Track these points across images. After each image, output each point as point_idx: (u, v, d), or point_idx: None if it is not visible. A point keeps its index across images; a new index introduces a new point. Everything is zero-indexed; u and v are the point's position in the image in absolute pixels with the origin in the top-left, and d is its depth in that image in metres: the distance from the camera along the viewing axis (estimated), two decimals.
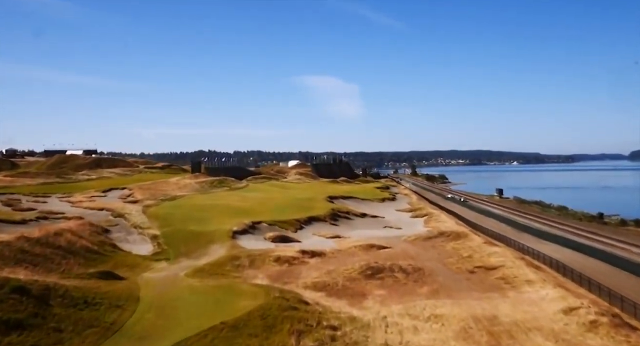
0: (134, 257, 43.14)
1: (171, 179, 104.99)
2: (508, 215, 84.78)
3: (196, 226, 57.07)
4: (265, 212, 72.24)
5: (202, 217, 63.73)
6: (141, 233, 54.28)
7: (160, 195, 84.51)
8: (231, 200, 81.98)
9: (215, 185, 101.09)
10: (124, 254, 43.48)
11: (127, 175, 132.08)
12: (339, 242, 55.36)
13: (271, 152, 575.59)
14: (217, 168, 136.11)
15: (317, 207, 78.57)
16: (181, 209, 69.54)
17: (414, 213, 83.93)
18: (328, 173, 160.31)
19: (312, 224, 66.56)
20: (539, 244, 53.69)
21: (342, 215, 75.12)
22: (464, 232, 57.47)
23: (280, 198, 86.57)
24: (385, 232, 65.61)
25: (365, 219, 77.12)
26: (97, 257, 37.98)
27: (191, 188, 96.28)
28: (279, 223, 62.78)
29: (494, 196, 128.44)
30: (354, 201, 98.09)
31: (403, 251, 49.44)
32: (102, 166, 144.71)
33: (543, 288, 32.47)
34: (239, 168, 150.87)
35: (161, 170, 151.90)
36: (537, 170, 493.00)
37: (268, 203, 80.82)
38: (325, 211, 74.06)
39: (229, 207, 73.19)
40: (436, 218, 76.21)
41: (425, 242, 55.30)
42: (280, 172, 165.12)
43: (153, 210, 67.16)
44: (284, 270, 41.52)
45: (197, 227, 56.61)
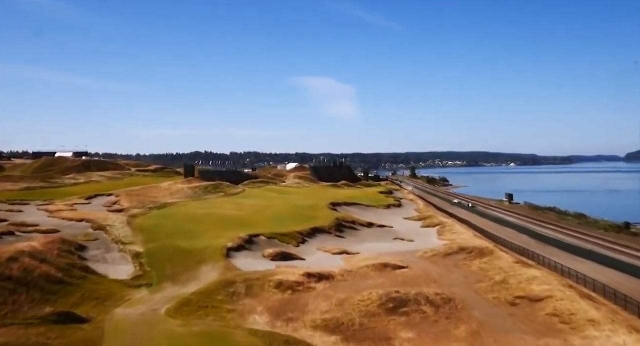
0: (108, 284, 36.10)
1: (162, 184, 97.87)
2: (525, 224, 78.17)
3: (186, 241, 50.07)
4: (264, 222, 65.32)
5: (193, 230, 56.75)
6: (122, 250, 47.22)
7: (149, 202, 77.44)
8: (226, 208, 75.00)
9: (209, 190, 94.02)
10: (97, 280, 36.42)
11: (117, 179, 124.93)
12: (347, 260, 48.48)
13: (268, 153, 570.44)
14: (212, 172, 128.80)
15: (320, 216, 71.65)
16: (170, 220, 62.51)
17: (425, 223, 77.14)
18: (328, 177, 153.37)
19: (315, 237, 59.64)
20: (575, 262, 47.07)
21: (347, 225, 68.20)
22: (488, 248, 50.67)
23: (280, 206, 79.62)
24: (397, 246, 58.79)
25: (372, 229, 70.26)
26: (59, 289, 30.91)
27: (184, 194, 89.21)
28: (279, 236, 55.83)
29: (503, 201, 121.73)
30: (358, 208, 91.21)
31: (423, 272, 42.63)
32: (92, 169, 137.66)
33: (615, 333, 25.72)
34: (235, 172, 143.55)
35: (154, 173, 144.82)
36: (535, 172, 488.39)
37: (266, 211, 73.87)
38: (329, 221, 67.15)
39: (223, 217, 66.22)
40: (450, 229, 69.48)
41: (445, 260, 48.52)
42: (279, 175, 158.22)
43: (139, 221, 60.12)
44: (287, 300, 34.66)
45: (186, 242, 49.61)
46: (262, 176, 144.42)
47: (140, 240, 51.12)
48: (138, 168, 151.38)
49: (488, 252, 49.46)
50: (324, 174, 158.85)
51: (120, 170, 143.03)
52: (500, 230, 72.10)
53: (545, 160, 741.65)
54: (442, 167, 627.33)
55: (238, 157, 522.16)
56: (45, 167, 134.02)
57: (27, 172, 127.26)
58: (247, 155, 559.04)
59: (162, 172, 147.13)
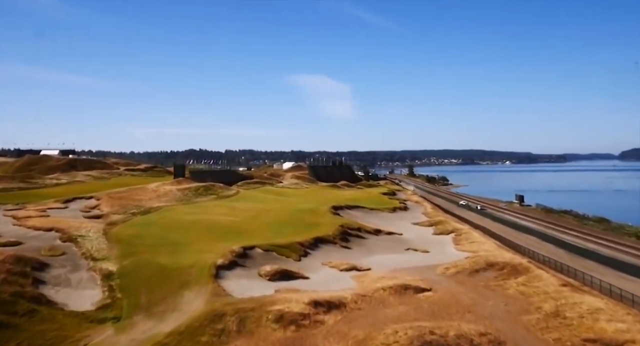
0: (63, 320, 28.40)
1: (150, 185, 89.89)
2: (545, 230, 70.95)
3: (169, 256, 42.40)
4: (259, 230, 57.72)
5: (178, 241, 49.09)
6: (92, 268, 39.49)
7: (132, 206, 69.61)
8: (218, 213, 67.32)
9: (200, 192, 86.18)
10: (49, 315, 28.69)
11: (104, 179, 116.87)
12: (359, 279, 41.00)
13: (263, 151, 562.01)
14: (204, 172, 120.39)
15: (322, 222, 64.10)
16: (154, 228, 54.76)
17: (437, 229, 69.70)
18: (327, 177, 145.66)
19: (319, 248, 52.09)
20: (629, 283, 39.65)
21: (353, 233, 60.65)
22: (521, 264, 43.23)
23: (277, 210, 71.99)
24: (411, 258, 51.34)
25: (380, 237, 62.77)
26: None
27: (172, 196, 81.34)
28: (277, 248, 48.24)
29: (512, 203, 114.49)
30: (362, 211, 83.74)
31: (452, 297, 35.20)
32: (78, 168, 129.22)
33: None
34: (228, 172, 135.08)
35: (144, 172, 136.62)
36: (532, 170, 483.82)
37: (262, 217, 66.27)
38: (333, 228, 59.57)
39: (214, 224, 58.54)
40: (467, 237, 62.13)
41: (473, 279, 41.10)
42: (275, 175, 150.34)
43: (117, 230, 52.35)
44: (291, 340, 27.23)
45: (169, 257, 41.95)
46: (257, 176, 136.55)
47: (116, 254, 43.44)
48: (127, 167, 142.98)
49: (522, 268, 42.06)
50: (323, 174, 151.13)
51: (108, 169, 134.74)
52: (520, 237, 64.90)
53: (541, 158, 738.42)
54: (437, 165, 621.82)
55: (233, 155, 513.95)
56: (27, 166, 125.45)
57: (7, 172, 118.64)
58: (242, 153, 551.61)
59: (153, 171, 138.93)
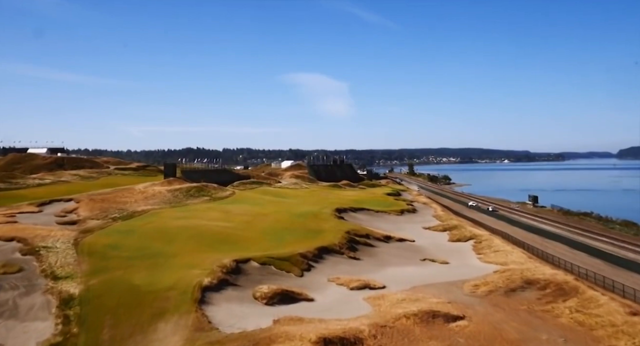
0: None
1: (138, 186, 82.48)
2: (571, 235, 63.87)
3: (146, 274, 35.14)
4: (256, 238, 50.48)
5: (160, 252, 41.82)
6: (50, 290, 32.20)
7: (114, 210, 62.30)
8: (210, 218, 60.03)
9: (192, 194, 78.84)
10: None
11: (92, 179, 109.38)
12: (374, 301, 33.76)
13: (261, 150, 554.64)
14: (197, 172, 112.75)
15: (326, 228, 56.87)
16: (135, 236, 47.44)
17: (452, 235, 62.52)
18: (327, 176, 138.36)
19: (324, 259, 44.88)
20: None
21: (361, 241, 53.46)
22: (566, 281, 36.02)
23: (276, 214, 64.75)
24: (430, 272, 44.21)
25: (391, 245, 55.59)
26: None
27: (161, 198, 73.99)
28: (275, 261, 41.05)
29: (525, 203, 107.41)
30: (367, 214, 76.61)
31: (493, 327, 28.06)
32: (65, 167, 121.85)
33: None
34: (223, 171, 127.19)
35: (135, 171, 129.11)
36: (532, 168, 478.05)
37: (259, 222, 59.01)
38: (338, 235, 52.35)
39: (204, 231, 51.22)
40: (489, 244, 54.99)
41: (511, 300, 33.93)
42: (273, 174, 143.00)
43: (91, 240, 45.04)
44: None
45: (146, 275, 34.69)
46: (254, 175, 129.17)
47: (83, 270, 36.16)
48: (118, 166, 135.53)
49: (569, 288, 34.87)
50: (323, 173, 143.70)
51: (97, 168, 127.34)
52: (546, 245, 57.73)
53: (539, 157, 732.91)
54: (435, 164, 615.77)
55: (231, 154, 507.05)
56: (12, 165, 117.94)
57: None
58: (240, 152, 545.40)
59: (145, 170, 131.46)
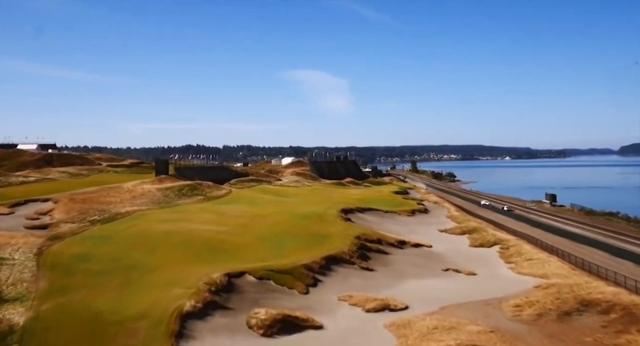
0: None
1: (126, 184, 75.42)
2: (607, 240, 56.86)
3: (113, 296, 28.19)
4: (253, 245, 43.52)
5: (138, 264, 34.87)
6: None
7: (95, 211, 55.30)
8: (202, 221, 53.02)
9: (184, 192, 71.85)
10: None
11: (81, 176, 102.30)
12: (398, 329, 26.80)
13: (261, 147, 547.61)
14: (192, 169, 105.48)
15: (332, 232, 49.85)
16: (110, 244, 40.47)
17: (473, 239, 55.51)
18: (330, 173, 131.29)
19: (332, 271, 37.93)
20: None
21: (373, 247, 46.50)
22: (634, 303, 29.06)
23: (276, 216, 57.75)
24: (458, 286, 37.26)
25: (407, 252, 48.65)
26: None
27: (150, 198, 67.03)
28: (276, 274, 34.14)
29: (541, 202, 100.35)
30: (376, 215, 69.69)
31: None
32: (54, 164, 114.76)
33: None
34: (220, 168, 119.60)
35: (128, 168, 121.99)
36: (533, 165, 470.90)
37: (257, 225, 52.00)
38: (347, 241, 45.39)
39: (193, 237, 44.21)
40: (517, 251, 48.02)
41: (569, 328, 27.01)
42: (273, 171, 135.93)
43: (58, 249, 38.09)
44: None
45: (113, 298, 27.74)
46: (253, 172, 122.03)
47: (40, 290, 29.26)
48: (110, 162, 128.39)
49: None
50: (326, 170, 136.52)
51: (88, 165, 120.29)
52: (582, 251, 50.75)
53: (540, 154, 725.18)
54: (437, 161, 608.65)
55: (231, 151, 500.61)
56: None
57: None
58: (240, 149, 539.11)
59: (138, 167, 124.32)
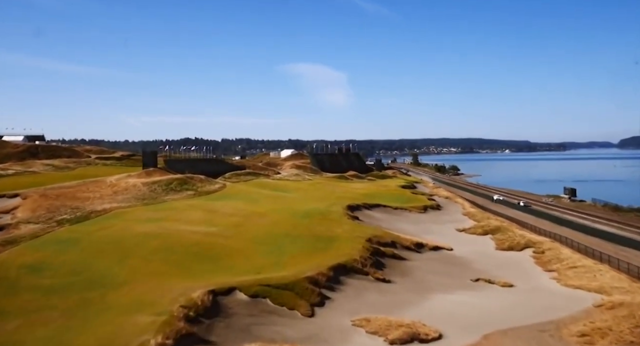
0: None
1: (110, 178, 68.26)
2: None
3: (55, 328, 21.04)
4: (246, 250, 36.42)
5: (101, 278, 27.76)
6: None
7: (67, 209, 48.16)
8: (189, 220, 45.90)
9: (173, 187, 64.64)
10: None
11: (68, 169, 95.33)
12: None
13: (260, 140, 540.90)
14: (183, 161, 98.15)
15: (339, 234, 42.73)
16: (76, 250, 33.34)
17: (498, 240, 48.39)
18: (332, 166, 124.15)
19: (342, 285, 30.83)
20: None
21: (387, 252, 39.40)
22: None
23: (274, 214, 50.64)
24: (496, 302, 30.20)
25: (425, 256, 41.59)
26: None
27: (134, 193, 59.87)
28: (273, 290, 27.05)
29: (559, 197, 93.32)
30: (385, 212, 62.61)
31: None
32: (39, 156, 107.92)
33: None
34: (214, 160, 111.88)
35: (118, 161, 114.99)
36: (534, 158, 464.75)
37: (252, 225, 44.87)
38: (358, 246, 38.26)
39: (176, 241, 37.09)
40: (555, 255, 40.96)
41: None
42: (271, 164, 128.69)
43: (7, 256, 31.05)
44: None
45: (54, 331, 20.57)
46: (250, 165, 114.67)
47: None
48: (100, 155, 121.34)
49: None
50: (327, 163, 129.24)
51: (76, 157, 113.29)
52: (625, 254, 43.89)
53: (540, 147, 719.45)
54: (437, 154, 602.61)
55: (229, 144, 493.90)
56: None
57: None
58: (239, 142, 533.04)
59: (129, 160, 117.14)
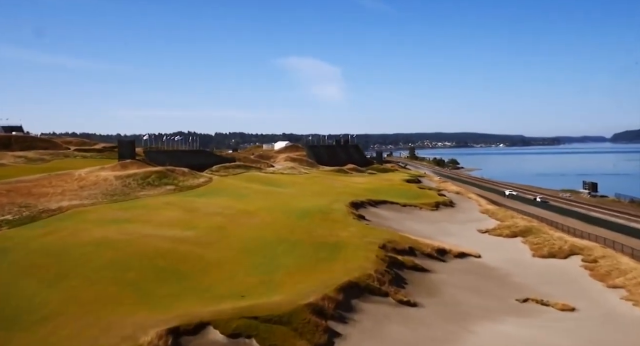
0: None
1: (78, 171, 59.48)
2: None
3: None
4: (228, 264, 27.96)
5: (18, 311, 19.25)
6: None
7: (14, 208, 39.49)
8: (162, 221, 37.39)
9: (151, 181, 56.00)
10: None
11: (41, 162, 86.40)
12: None
13: (254, 134, 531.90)
14: (165, 153, 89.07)
15: (344, 238, 34.35)
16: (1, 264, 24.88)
17: (534, 244, 40.25)
18: (329, 159, 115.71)
19: (354, 313, 22.51)
20: None
21: (406, 262, 31.15)
22: None
23: (265, 213, 42.21)
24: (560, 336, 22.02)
25: (452, 266, 33.40)
26: None
27: (104, 188, 51.24)
28: (261, 324, 18.65)
29: (577, 192, 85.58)
30: (393, 210, 54.39)
31: None
32: (12, 148, 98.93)
33: None
34: (201, 152, 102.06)
35: (98, 153, 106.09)
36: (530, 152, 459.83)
37: (238, 228, 36.42)
38: (370, 255, 29.93)
39: (138, 251, 28.58)
40: (614, 266, 32.86)
41: None
42: (264, 156, 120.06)
43: None
44: None
45: None
46: (241, 158, 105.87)
47: None
48: (80, 146, 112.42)
49: None
50: (324, 155, 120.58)
51: (53, 148, 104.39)
52: None
53: (534, 141, 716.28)
54: (431, 148, 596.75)
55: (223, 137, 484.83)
56: None
57: None
58: (233, 136, 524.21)
59: (111, 152, 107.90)
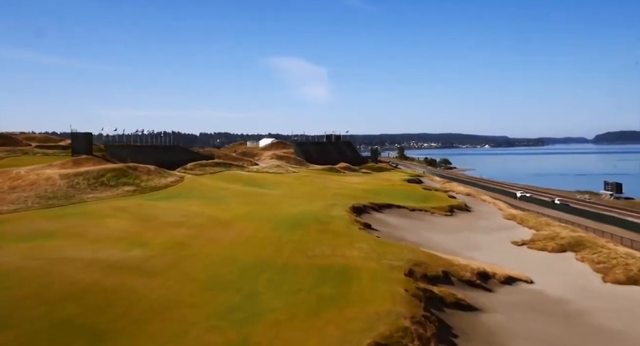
0: None
1: (18, 169, 48.44)
2: None
3: None
4: (181, 307, 17.54)
5: None
6: None
7: None
8: (101, 235, 26.89)
9: (105, 181, 45.27)
10: None
11: None
12: None
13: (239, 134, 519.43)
14: (129, 148, 77.75)
15: (354, 261, 24.29)
16: None
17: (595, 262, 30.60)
18: (319, 157, 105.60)
19: None
20: None
21: (446, 300, 21.28)
22: None
23: (245, 223, 31.88)
24: None
25: (501, 300, 23.62)
26: None
27: (42, 189, 40.46)
28: None
29: (596, 193, 76.93)
30: (400, 215, 44.55)
31: None
32: None
33: None
34: (173, 148, 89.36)
35: (63, 150, 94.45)
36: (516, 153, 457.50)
37: (205, 246, 26.05)
38: (395, 289, 19.92)
39: (40, 287, 18.19)
40: None
41: None
42: (248, 154, 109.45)
43: None
44: None
45: None
46: (221, 155, 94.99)
47: None
48: (44, 143, 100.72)
49: None
50: (314, 153, 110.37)
51: (11, 145, 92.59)
52: None
53: (518, 142, 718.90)
54: (417, 148, 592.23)
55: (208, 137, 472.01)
56: None
57: None
58: (218, 136, 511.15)
59: None
